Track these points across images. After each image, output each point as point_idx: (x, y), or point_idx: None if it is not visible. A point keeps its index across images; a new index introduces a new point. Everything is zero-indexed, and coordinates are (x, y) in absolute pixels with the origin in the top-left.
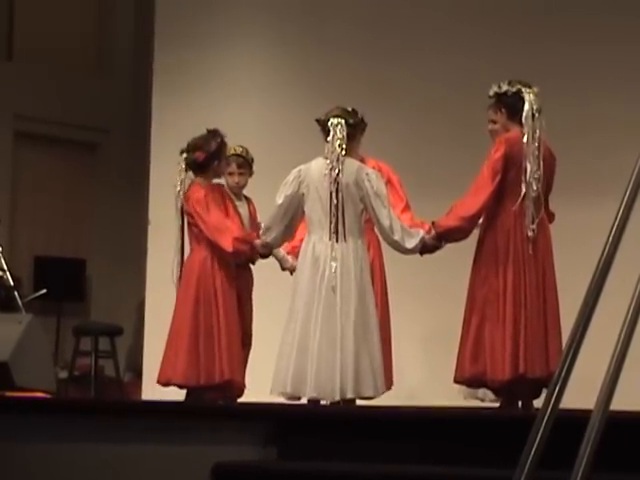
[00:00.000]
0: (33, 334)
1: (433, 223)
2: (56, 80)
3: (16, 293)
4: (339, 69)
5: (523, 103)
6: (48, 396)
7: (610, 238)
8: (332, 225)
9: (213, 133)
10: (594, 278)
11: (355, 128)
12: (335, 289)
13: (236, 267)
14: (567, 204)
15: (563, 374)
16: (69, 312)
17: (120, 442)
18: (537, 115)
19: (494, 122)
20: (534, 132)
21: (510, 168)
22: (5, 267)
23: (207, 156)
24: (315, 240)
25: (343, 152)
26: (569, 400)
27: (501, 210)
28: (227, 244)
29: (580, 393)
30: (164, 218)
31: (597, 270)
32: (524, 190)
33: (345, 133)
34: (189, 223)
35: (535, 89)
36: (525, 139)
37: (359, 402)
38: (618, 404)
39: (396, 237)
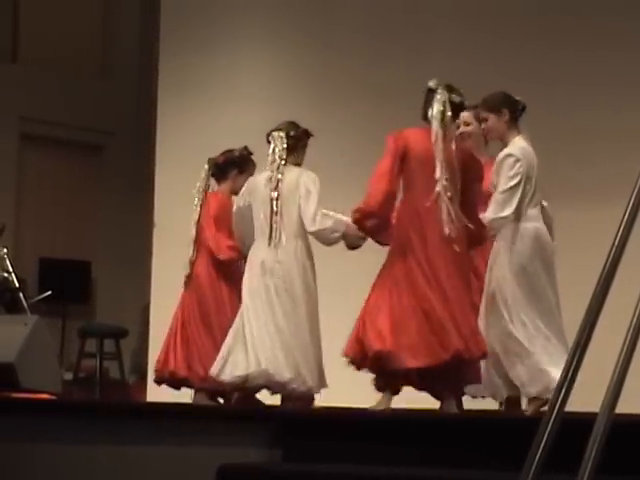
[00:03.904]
0: (38, 336)
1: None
2: (61, 83)
3: (21, 295)
4: (342, 72)
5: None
6: (53, 398)
7: (616, 242)
8: (271, 231)
9: (245, 148)
10: (599, 282)
11: (297, 139)
12: (269, 288)
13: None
14: (569, 208)
15: (569, 377)
16: (74, 314)
17: (125, 444)
18: (447, 118)
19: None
20: (440, 133)
21: (408, 163)
22: (10, 269)
23: (226, 160)
24: (260, 245)
25: (282, 162)
26: (574, 403)
27: (413, 204)
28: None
29: (586, 396)
30: (169, 220)
31: (602, 274)
32: (436, 189)
33: (285, 145)
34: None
35: (455, 93)
36: (433, 139)
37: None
38: (623, 407)
39: (313, 228)
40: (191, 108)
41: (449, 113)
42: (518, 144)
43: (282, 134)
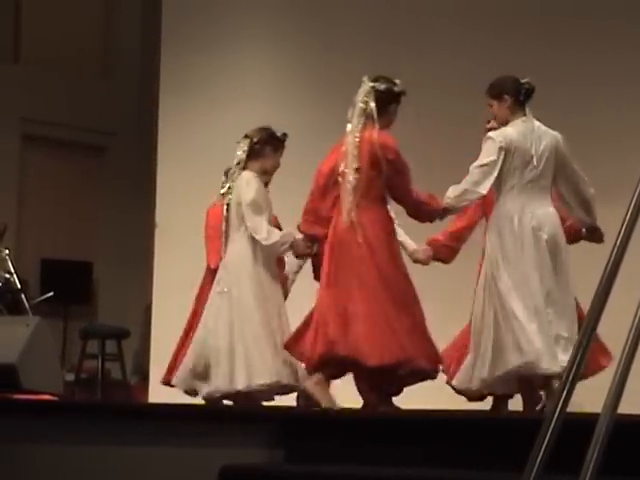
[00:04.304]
0: (40, 337)
1: None
2: (63, 83)
3: (23, 296)
4: (344, 72)
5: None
6: (55, 399)
7: (618, 241)
8: (222, 238)
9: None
10: (601, 282)
11: (262, 145)
12: (222, 294)
13: None
14: None
15: (571, 377)
16: (76, 315)
17: (126, 445)
18: (370, 108)
19: None
20: (355, 123)
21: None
22: (12, 270)
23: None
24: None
25: (239, 168)
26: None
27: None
28: None
29: (588, 396)
30: (171, 221)
31: (604, 275)
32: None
33: (244, 151)
34: None
35: (382, 81)
36: (348, 129)
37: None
38: (626, 408)
39: (265, 243)
40: (193, 108)
41: (372, 104)
42: (509, 127)
43: (245, 141)
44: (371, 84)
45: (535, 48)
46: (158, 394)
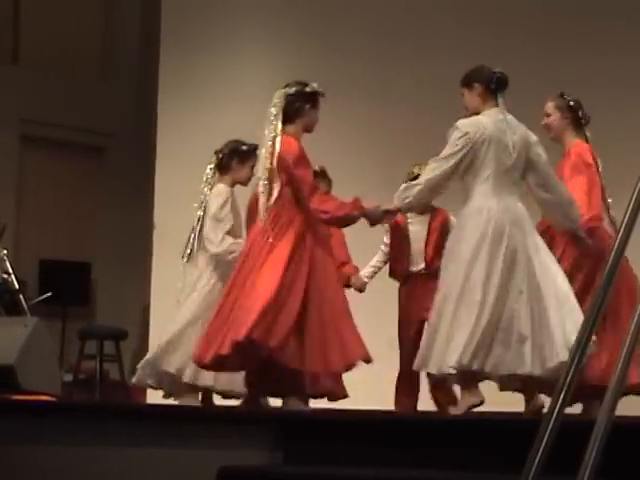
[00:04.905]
0: (39, 337)
1: None
2: (62, 84)
3: (21, 296)
4: (344, 72)
5: None
6: (53, 399)
7: (616, 243)
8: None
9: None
10: (599, 290)
11: (229, 158)
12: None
13: None
14: None
15: (569, 380)
16: (74, 315)
17: (125, 446)
18: (270, 117)
19: None
20: (268, 130)
21: None
22: (10, 270)
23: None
24: None
25: (209, 181)
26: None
27: None
28: None
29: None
30: (169, 222)
31: (603, 275)
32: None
33: (213, 164)
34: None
35: (291, 86)
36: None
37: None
38: (624, 410)
39: (214, 250)
40: (191, 109)
41: (276, 109)
42: (482, 116)
43: (214, 156)
44: (282, 90)
45: (534, 48)
46: (156, 395)
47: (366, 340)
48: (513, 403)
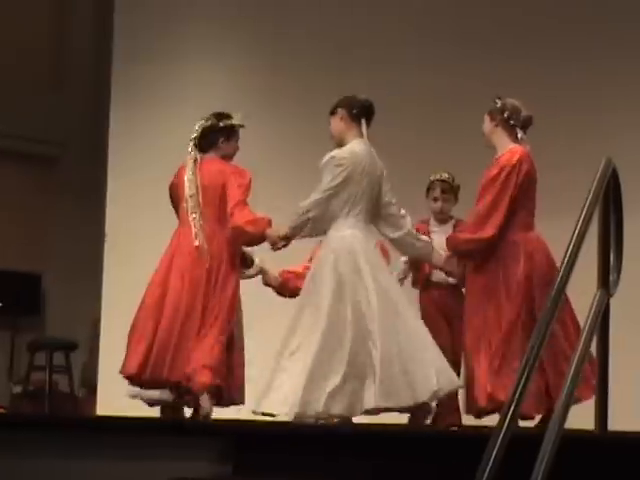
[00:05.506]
0: None
1: None
2: (11, 93)
3: None
4: (297, 83)
5: None
6: (2, 411)
7: (566, 258)
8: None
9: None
10: (547, 304)
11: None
12: None
13: None
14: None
15: (518, 394)
16: (24, 327)
17: (74, 458)
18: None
19: None
20: (189, 158)
21: None
22: None
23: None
24: None
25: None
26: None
27: None
28: None
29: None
30: (121, 233)
31: (552, 292)
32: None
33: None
34: None
35: (199, 124)
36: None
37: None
38: (573, 423)
39: None
40: (143, 119)
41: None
42: (351, 146)
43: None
44: (201, 121)
45: (500, 61)
46: (106, 407)
47: None
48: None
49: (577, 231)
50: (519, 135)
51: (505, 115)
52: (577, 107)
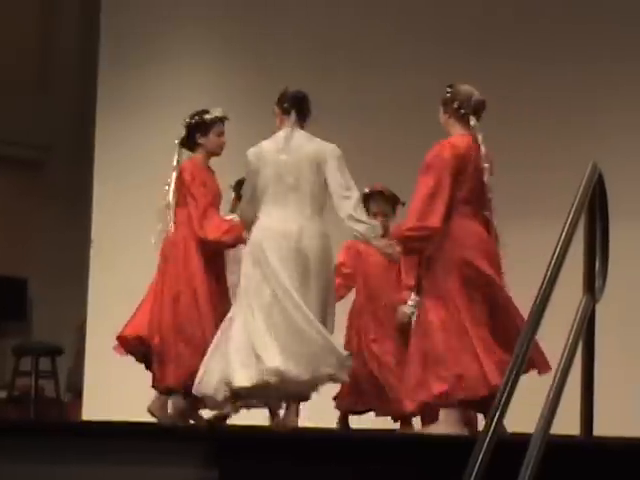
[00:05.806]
0: None
1: None
2: None
3: None
4: (284, 84)
5: None
6: None
7: (553, 262)
8: None
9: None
10: (534, 307)
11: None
12: None
13: None
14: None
15: (504, 399)
16: (9, 331)
17: (60, 463)
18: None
19: None
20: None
21: None
22: None
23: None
24: None
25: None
26: (510, 424)
27: None
28: None
29: (521, 417)
30: (107, 237)
31: (538, 297)
32: None
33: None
34: None
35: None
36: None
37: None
38: (558, 428)
39: None
40: (130, 123)
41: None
42: (265, 140)
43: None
44: (187, 119)
45: (492, 62)
46: (92, 412)
47: None
48: None
49: (562, 238)
50: (471, 123)
51: (455, 105)
52: (571, 108)
